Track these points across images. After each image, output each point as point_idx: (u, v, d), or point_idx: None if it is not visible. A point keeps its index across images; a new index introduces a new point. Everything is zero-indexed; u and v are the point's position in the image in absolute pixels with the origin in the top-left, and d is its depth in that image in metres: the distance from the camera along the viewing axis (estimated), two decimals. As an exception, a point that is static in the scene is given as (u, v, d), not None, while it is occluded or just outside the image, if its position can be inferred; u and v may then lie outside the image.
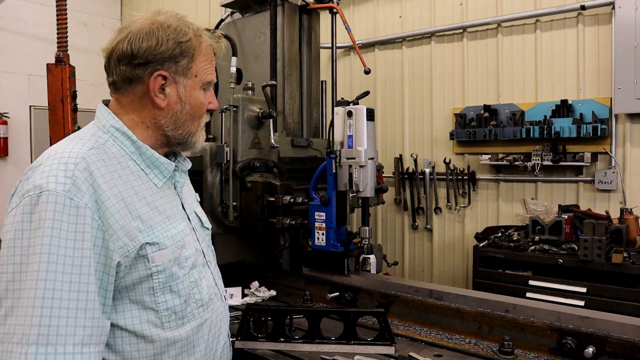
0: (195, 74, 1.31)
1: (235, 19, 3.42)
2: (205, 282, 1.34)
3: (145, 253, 1.18)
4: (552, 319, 1.71)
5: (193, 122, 1.34)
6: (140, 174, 1.27)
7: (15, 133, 5.70)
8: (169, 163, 1.33)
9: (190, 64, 1.29)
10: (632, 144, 3.25)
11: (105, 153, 1.21)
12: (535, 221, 3.14)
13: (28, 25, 5.76)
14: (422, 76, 4.14)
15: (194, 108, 1.33)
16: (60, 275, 1.04)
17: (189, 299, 1.27)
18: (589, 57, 3.38)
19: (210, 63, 1.35)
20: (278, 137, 2.81)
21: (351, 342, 1.71)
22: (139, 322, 1.18)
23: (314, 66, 3.35)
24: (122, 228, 1.14)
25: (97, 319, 1.08)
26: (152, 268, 1.18)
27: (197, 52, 1.30)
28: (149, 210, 1.23)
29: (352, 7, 4.48)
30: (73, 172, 1.11)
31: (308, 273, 2.38)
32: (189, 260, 1.28)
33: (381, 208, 4.34)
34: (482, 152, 3.77)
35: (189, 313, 1.26)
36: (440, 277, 4.08)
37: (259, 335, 1.75)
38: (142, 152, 1.28)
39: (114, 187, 1.17)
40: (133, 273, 1.17)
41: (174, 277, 1.22)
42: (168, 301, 1.22)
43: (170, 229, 1.26)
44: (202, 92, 1.34)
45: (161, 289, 1.20)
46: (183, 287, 1.25)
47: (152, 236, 1.20)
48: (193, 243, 1.33)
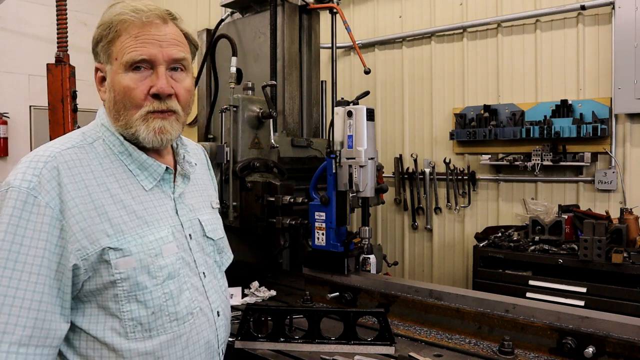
0: (116, 57, 1.19)
1: (235, 19, 3.42)
2: (187, 294, 1.24)
3: (108, 258, 1.12)
4: (552, 319, 1.71)
5: (127, 112, 1.20)
6: (128, 175, 1.22)
7: (15, 133, 5.70)
8: (158, 165, 1.26)
9: (110, 48, 1.20)
10: (632, 144, 3.25)
11: (87, 153, 1.19)
12: (535, 221, 3.14)
13: (28, 25, 5.75)
14: (422, 76, 4.14)
15: (120, 94, 1.19)
16: (8, 272, 1.03)
17: (160, 311, 1.18)
18: (589, 57, 3.38)
19: (135, 40, 1.18)
20: (278, 137, 2.81)
21: (351, 342, 1.71)
22: (102, 328, 1.14)
23: (314, 66, 3.35)
24: (83, 230, 1.10)
25: (42, 320, 1.05)
26: (115, 275, 1.12)
27: (115, 34, 1.19)
28: (124, 214, 1.17)
29: (352, 7, 4.48)
30: (41, 171, 1.10)
31: (308, 273, 2.38)
32: (164, 270, 1.19)
33: (381, 208, 4.34)
34: (482, 152, 3.77)
35: (159, 326, 1.18)
36: (440, 277, 4.08)
37: (259, 335, 1.75)
38: (130, 153, 1.24)
39: (83, 188, 1.13)
40: (97, 278, 1.12)
41: (140, 286, 1.15)
42: (133, 311, 1.15)
43: (147, 235, 1.18)
44: (128, 75, 1.18)
45: (126, 297, 1.14)
46: (152, 298, 1.16)
47: (120, 241, 1.14)
48: (174, 252, 1.23)
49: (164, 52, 1.20)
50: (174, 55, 1.21)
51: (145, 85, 1.19)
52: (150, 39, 1.18)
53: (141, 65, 1.18)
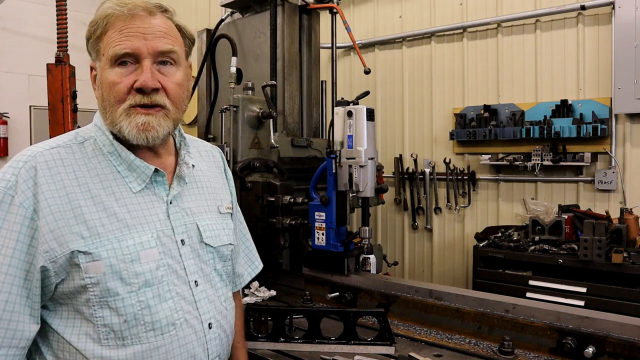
0: (103, 52, 1.16)
1: (235, 19, 3.42)
2: (170, 304, 1.17)
3: (78, 262, 1.08)
4: (552, 319, 1.71)
5: (112, 107, 1.16)
6: (116, 177, 1.18)
7: (15, 133, 5.70)
8: (146, 167, 1.20)
9: (97, 45, 1.17)
10: (632, 144, 3.25)
11: (72, 153, 1.16)
12: (535, 221, 3.14)
13: (28, 25, 5.75)
14: (422, 76, 4.14)
15: (106, 90, 1.16)
16: None
17: (134, 319, 1.12)
18: (589, 57, 3.38)
19: (119, 33, 1.14)
20: (278, 137, 2.81)
21: (351, 342, 1.71)
22: (77, 332, 1.11)
23: (314, 66, 3.35)
24: (52, 232, 1.07)
25: (8, 321, 1.05)
26: (85, 279, 1.09)
27: (102, 29, 1.15)
28: (104, 216, 1.12)
29: (352, 7, 4.48)
30: (19, 170, 1.09)
31: (308, 273, 2.38)
32: (139, 276, 1.13)
33: (381, 208, 4.34)
34: (482, 152, 3.77)
35: (134, 335, 1.12)
36: (440, 277, 4.08)
37: (259, 335, 1.75)
38: (119, 153, 1.20)
39: (61, 189, 1.10)
40: (70, 281, 1.10)
41: (111, 292, 1.10)
42: (105, 317, 1.11)
43: (125, 239, 1.13)
44: (113, 70, 1.15)
45: (98, 302, 1.10)
46: (124, 306, 1.11)
47: (94, 244, 1.10)
48: (155, 258, 1.16)
49: (149, 44, 1.14)
50: (160, 47, 1.15)
51: (130, 79, 1.14)
52: (134, 32, 1.14)
53: (126, 59, 1.14)
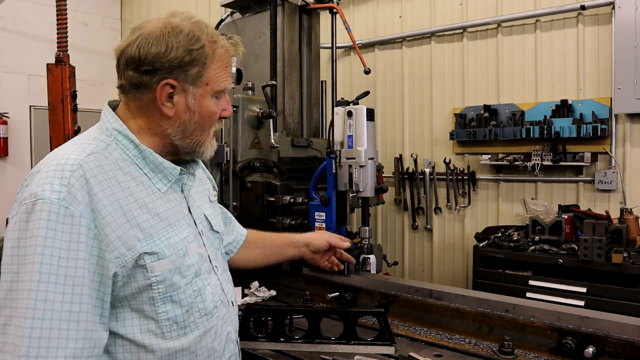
0: (207, 82, 1.24)
1: (235, 19, 3.42)
2: (210, 289, 1.29)
3: (144, 263, 1.13)
4: (552, 319, 1.71)
5: (202, 132, 1.28)
6: (143, 179, 1.22)
7: (15, 133, 5.70)
8: (174, 167, 1.27)
9: (201, 72, 1.22)
10: (632, 144, 3.25)
11: (105, 158, 1.17)
12: (535, 221, 3.14)
13: (28, 25, 5.76)
14: (422, 76, 4.14)
15: (204, 117, 1.26)
16: (52, 286, 1.01)
17: (191, 308, 1.22)
18: (589, 57, 3.38)
19: (225, 70, 1.27)
20: (278, 137, 2.81)
21: (351, 342, 1.71)
22: (139, 331, 1.15)
23: (314, 66, 3.35)
24: (119, 238, 1.10)
25: (90, 330, 1.06)
26: (151, 278, 1.15)
27: (210, 60, 1.23)
28: (150, 217, 1.18)
29: (352, 7, 4.48)
30: (69, 180, 1.07)
31: (308, 273, 2.38)
32: (191, 268, 1.23)
33: (381, 208, 4.34)
34: (482, 152, 3.77)
35: (192, 322, 1.22)
36: (440, 277, 4.08)
37: (259, 335, 1.75)
38: (146, 157, 1.23)
39: (111, 195, 1.12)
40: (132, 283, 1.13)
41: (174, 286, 1.18)
42: (169, 311, 1.18)
43: (172, 237, 1.21)
44: (213, 101, 1.27)
45: (161, 299, 1.17)
46: (185, 297, 1.21)
47: (152, 245, 1.16)
48: (197, 250, 1.27)
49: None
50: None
51: (220, 108, 1.30)
52: (230, 71, 1.32)
53: (223, 93, 1.31)
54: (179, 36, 1.20)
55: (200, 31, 1.23)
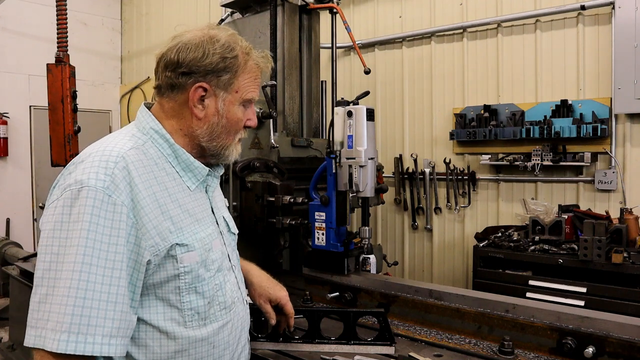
0: (237, 89, 1.32)
1: (235, 19, 3.42)
2: (229, 285, 1.37)
3: (175, 253, 1.21)
4: (552, 319, 1.71)
5: (228, 136, 1.35)
6: (175, 176, 1.30)
7: (15, 133, 5.71)
8: (203, 167, 1.35)
9: (232, 79, 1.31)
10: (632, 144, 3.25)
11: (144, 154, 1.25)
12: (535, 221, 3.14)
13: (28, 25, 5.76)
14: (422, 76, 4.14)
15: (231, 122, 1.34)
16: (94, 268, 1.08)
17: (212, 300, 1.29)
18: (589, 57, 3.38)
19: (254, 81, 1.35)
20: (278, 137, 2.81)
21: (351, 342, 1.71)
22: (163, 318, 1.22)
23: (314, 66, 3.35)
24: (155, 227, 1.18)
25: (125, 312, 1.13)
26: (180, 268, 1.22)
27: (242, 69, 1.32)
28: (180, 212, 1.26)
29: (352, 7, 4.48)
30: (113, 171, 1.15)
31: (308, 273, 2.39)
32: (215, 263, 1.31)
33: (381, 208, 4.34)
34: (482, 152, 3.77)
35: (212, 314, 1.29)
36: (440, 277, 4.08)
37: (259, 335, 1.75)
38: (179, 155, 1.31)
39: (149, 188, 1.21)
40: (161, 272, 1.20)
41: (199, 278, 1.25)
42: (192, 301, 1.25)
43: (199, 232, 1.28)
44: (241, 108, 1.34)
45: (187, 289, 1.23)
46: (208, 289, 1.28)
47: (182, 237, 1.23)
48: (220, 247, 1.35)
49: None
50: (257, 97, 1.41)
51: (246, 117, 1.37)
52: (259, 84, 1.38)
53: (250, 103, 1.37)
54: (215, 44, 1.29)
55: (235, 43, 1.32)
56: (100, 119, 6.41)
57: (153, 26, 6.35)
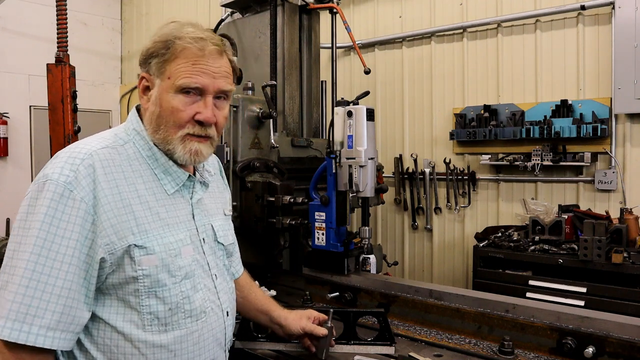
0: (169, 75, 1.25)
1: (235, 19, 3.42)
2: (201, 294, 1.31)
3: (133, 255, 1.19)
4: (552, 319, 1.72)
5: (168, 129, 1.27)
6: (153, 178, 1.29)
7: (15, 133, 5.70)
8: (182, 172, 1.33)
9: (164, 65, 1.25)
10: (632, 144, 3.25)
11: (118, 154, 1.25)
12: (535, 221, 3.14)
13: (28, 25, 5.76)
14: (422, 76, 4.14)
15: (166, 112, 1.26)
16: (43, 259, 1.10)
17: (176, 307, 1.25)
18: (589, 57, 3.38)
19: (192, 67, 1.24)
20: (278, 137, 2.81)
21: (351, 342, 1.71)
22: (122, 319, 1.20)
23: (314, 66, 3.35)
24: (113, 226, 1.18)
25: (70, 307, 1.13)
26: (137, 271, 1.20)
27: (172, 54, 1.24)
28: (149, 214, 1.24)
29: (352, 7, 4.48)
30: (78, 167, 1.17)
31: (308, 273, 2.39)
32: (182, 270, 1.26)
33: (381, 208, 4.34)
34: (482, 152, 3.77)
35: (175, 322, 1.25)
36: (440, 277, 4.08)
37: (259, 335, 1.75)
38: (157, 158, 1.30)
39: (115, 187, 1.20)
40: (120, 272, 1.19)
41: (160, 283, 1.22)
42: (152, 306, 1.22)
43: (167, 237, 1.25)
44: (178, 97, 1.25)
45: (146, 292, 1.21)
46: (170, 295, 1.24)
47: (144, 240, 1.21)
48: (191, 254, 1.30)
49: (215, 83, 1.27)
50: (223, 87, 1.29)
51: (192, 110, 1.26)
52: (205, 70, 1.25)
53: (191, 90, 1.25)
54: (159, 33, 1.27)
55: (176, 30, 1.26)
56: (100, 119, 6.41)
57: (153, 26, 6.35)
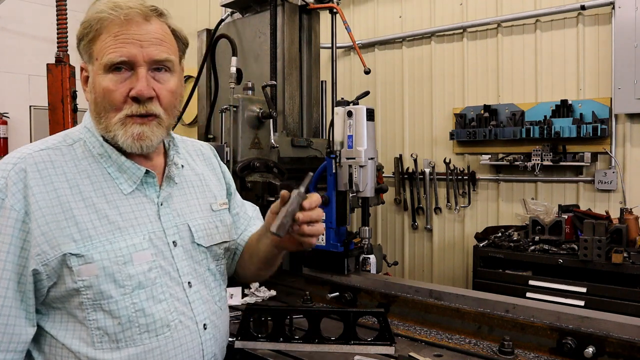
0: (97, 57, 1.14)
1: (235, 19, 3.42)
2: (165, 306, 1.17)
3: (71, 265, 1.07)
4: (552, 319, 1.72)
5: (107, 114, 1.15)
6: (107, 178, 1.17)
7: (15, 133, 5.70)
8: (137, 168, 1.20)
9: (90, 47, 1.15)
10: (632, 144, 3.25)
11: (62, 155, 1.16)
12: (535, 221, 3.14)
13: (28, 25, 5.75)
14: (422, 76, 4.14)
15: (100, 96, 1.14)
16: None
17: (128, 322, 1.12)
18: (589, 57, 3.38)
19: (115, 39, 1.12)
20: (278, 137, 2.81)
21: (351, 342, 1.71)
22: (71, 336, 1.11)
23: (314, 66, 3.35)
24: (44, 234, 1.07)
25: (8, 325, 1.05)
26: (77, 282, 1.08)
27: (94, 32, 1.14)
28: (95, 218, 1.12)
29: (352, 7, 4.48)
30: (9, 173, 1.09)
31: (308, 273, 2.39)
32: (132, 279, 1.12)
33: (381, 208, 4.34)
34: (482, 152, 3.77)
35: (128, 337, 1.12)
36: (440, 277, 4.08)
37: (259, 335, 1.75)
38: (110, 155, 1.19)
39: (52, 191, 1.10)
40: (61, 284, 1.09)
41: (104, 295, 1.09)
42: (99, 320, 1.10)
43: (117, 242, 1.12)
44: (108, 77, 1.13)
45: (91, 306, 1.09)
46: (118, 308, 1.11)
47: (86, 247, 1.09)
48: (148, 260, 1.15)
49: (145, 52, 1.13)
50: (155, 56, 1.15)
51: (125, 87, 1.13)
52: (129, 39, 1.12)
53: (121, 66, 1.13)
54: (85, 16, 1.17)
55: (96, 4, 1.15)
56: (100, 119, 6.42)
57: (153, 26, 6.34)
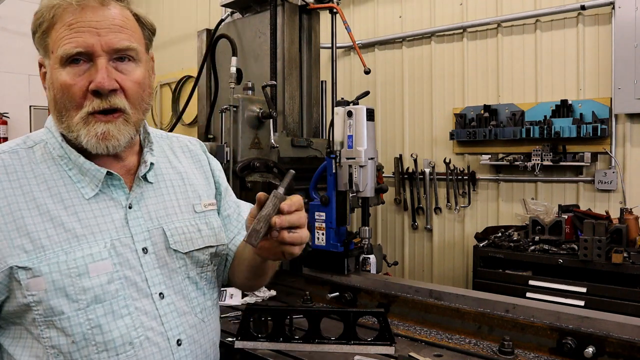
0: (52, 50, 1.04)
1: (235, 19, 3.42)
2: (128, 321, 1.06)
3: (19, 278, 0.99)
4: (552, 319, 1.72)
5: (69, 112, 1.05)
6: (66, 182, 1.08)
7: (15, 133, 5.70)
8: (97, 170, 1.09)
9: (45, 39, 1.06)
10: (632, 144, 3.25)
11: (18, 159, 1.08)
12: (535, 221, 3.14)
13: (28, 25, 5.74)
14: (422, 76, 4.14)
15: (58, 92, 1.04)
16: None
17: (84, 339, 1.02)
18: (589, 57, 3.38)
19: (69, 28, 1.02)
20: (278, 137, 2.81)
21: (351, 342, 1.71)
22: (28, 353, 1.04)
23: (314, 66, 3.35)
24: None
25: None
26: (27, 297, 1.00)
27: (48, 23, 1.04)
28: (50, 227, 1.03)
29: (352, 7, 4.48)
30: None
31: (308, 273, 2.39)
32: (88, 292, 1.02)
33: (381, 208, 4.34)
34: (482, 152, 3.77)
35: (84, 357, 1.02)
36: (440, 277, 4.08)
37: (259, 335, 1.75)
38: (70, 157, 1.10)
39: (2, 199, 1.02)
40: (13, 299, 1.02)
41: (55, 311, 1.00)
42: (53, 338, 1.01)
43: (73, 252, 1.03)
44: (65, 70, 1.03)
45: (44, 322, 1.01)
46: (71, 325, 1.01)
47: (38, 258, 1.00)
48: (108, 270, 1.05)
49: (103, 40, 1.02)
50: (115, 44, 1.04)
51: (84, 80, 1.03)
52: (85, 27, 1.01)
53: (79, 57, 1.02)
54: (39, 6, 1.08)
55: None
56: (100, 119, 6.42)
57: (153, 26, 6.35)
